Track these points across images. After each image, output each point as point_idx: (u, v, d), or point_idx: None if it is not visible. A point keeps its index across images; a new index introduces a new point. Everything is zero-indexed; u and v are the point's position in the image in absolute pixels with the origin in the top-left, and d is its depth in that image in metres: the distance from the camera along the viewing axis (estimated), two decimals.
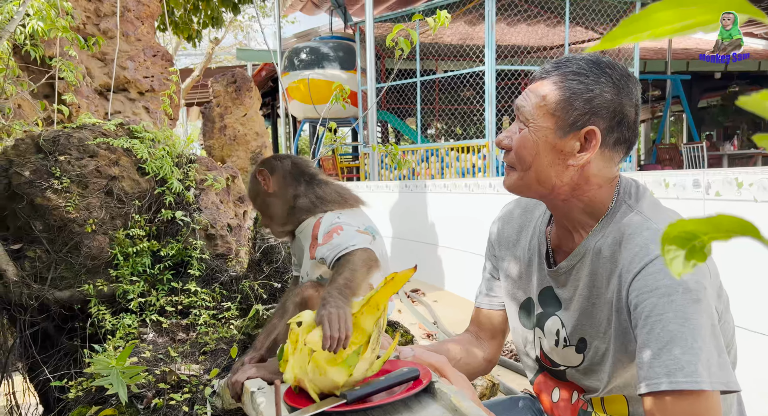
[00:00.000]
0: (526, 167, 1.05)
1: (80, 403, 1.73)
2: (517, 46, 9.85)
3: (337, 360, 0.95)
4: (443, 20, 2.22)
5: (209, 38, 11.77)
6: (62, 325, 2.18)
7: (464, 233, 5.40)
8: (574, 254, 1.08)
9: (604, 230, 1.05)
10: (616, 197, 1.08)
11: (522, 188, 1.08)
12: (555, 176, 1.04)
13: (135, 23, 4.72)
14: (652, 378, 0.87)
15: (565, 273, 1.10)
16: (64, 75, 3.42)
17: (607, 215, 1.06)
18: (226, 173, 2.79)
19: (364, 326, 1.00)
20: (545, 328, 1.15)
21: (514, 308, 1.24)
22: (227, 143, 5.77)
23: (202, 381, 1.77)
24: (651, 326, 0.89)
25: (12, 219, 2.18)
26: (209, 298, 2.24)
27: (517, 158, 1.06)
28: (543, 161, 1.03)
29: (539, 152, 1.02)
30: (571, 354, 1.09)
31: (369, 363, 0.97)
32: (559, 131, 1.01)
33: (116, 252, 2.21)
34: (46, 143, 2.16)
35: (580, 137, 1.01)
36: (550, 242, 1.17)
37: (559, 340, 1.11)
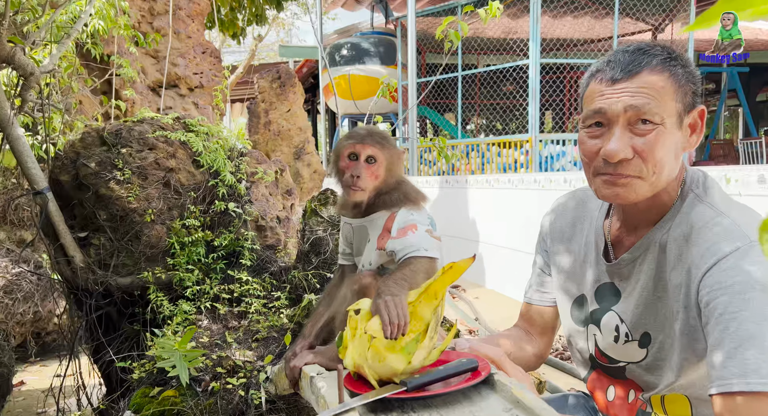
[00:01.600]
0: (660, 168, 0.96)
1: (143, 384, 1.81)
2: (561, 39, 9.61)
3: (396, 347, 0.97)
4: (495, 11, 2.20)
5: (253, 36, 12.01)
6: (124, 310, 2.29)
7: (507, 230, 5.33)
8: (636, 247, 1.04)
9: (670, 222, 1.01)
10: (683, 186, 1.03)
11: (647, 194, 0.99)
12: (676, 168, 0.98)
13: (186, 21, 4.87)
14: (724, 379, 0.83)
15: (627, 266, 1.06)
16: (121, 72, 3.58)
17: (674, 206, 1.02)
18: (275, 166, 2.86)
19: (422, 314, 1.01)
20: (601, 324, 1.11)
21: (566, 304, 1.21)
22: (271, 138, 5.89)
23: (256, 367, 1.83)
24: (725, 324, 0.85)
25: (79, 209, 2.30)
26: (260, 287, 2.30)
27: (651, 164, 0.95)
28: (672, 156, 0.96)
29: (671, 148, 0.96)
30: (633, 349, 1.06)
31: (427, 351, 0.98)
32: (678, 119, 0.96)
33: (173, 241, 2.30)
34: (109, 136, 2.27)
35: (693, 119, 0.97)
36: (609, 236, 1.13)
37: (619, 336, 1.08)
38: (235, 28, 7.51)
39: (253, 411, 1.65)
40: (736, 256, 0.88)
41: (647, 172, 0.96)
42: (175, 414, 1.67)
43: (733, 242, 0.90)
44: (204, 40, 5.21)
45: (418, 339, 0.97)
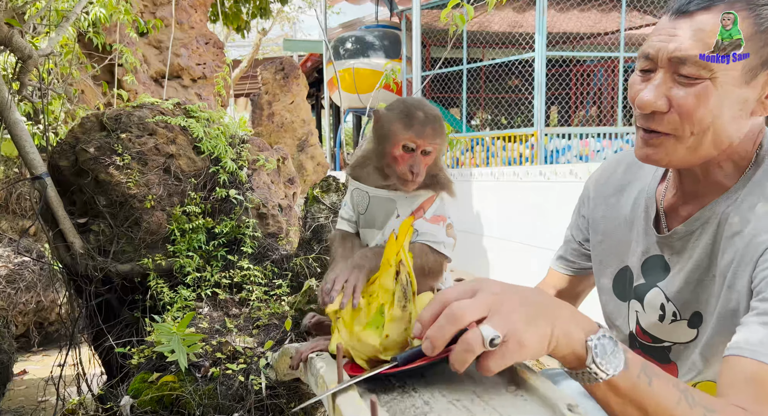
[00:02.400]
0: (701, 129, 0.83)
1: (142, 370, 1.79)
2: (568, 32, 9.53)
3: (362, 323, 0.93)
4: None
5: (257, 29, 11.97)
6: (124, 297, 2.27)
7: (511, 223, 5.29)
8: (694, 219, 0.92)
9: (738, 191, 0.88)
10: (759, 150, 0.89)
11: (687, 158, 0.87)
12: (735, 133, 0.84)
13: (189, 11, 4.84)
14: None
15: (681, 240, 0.93)
16: (123, 61, 3.55)
17: (745, 175, 0.88)
18: (277, 154, 2.83)
19: (385, 285, 0.96)
20: (645, 301, 1.01)
21: (605, 276, 1.09)
22: (275, 129, 5.86)
23: (256, 353, 1.80)
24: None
25: (78, 194, 2.27)
26: (261, 275, 2.28)
27: (689, 121, 0.83)
28: (725, 117, 0.82)
29: (722, 107, 0.81)
30: (682, 329, 0.96)
31: (405, 322, 0.94)
32: (747, 74, 0.80)
33: (173, 228, 2.27)
34: (109, 121, 2.24)
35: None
36: (663, 205, 1.00)
37: (665, 315, 0.97)
38: (240, 21, 7.49)
39: (253, 397, 1.63)
40: None
41: (683, 131, 0.84)
42: (173, 399, 1.65)
43: None
44: (207, 31, 5.18)
45: (381, 310, 0.92)
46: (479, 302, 0.66)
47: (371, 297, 0.91)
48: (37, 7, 2.24)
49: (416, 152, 1.00)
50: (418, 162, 1.00)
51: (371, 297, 0.91)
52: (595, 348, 0.69)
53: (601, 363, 0.69)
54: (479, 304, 0.66)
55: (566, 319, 0.70)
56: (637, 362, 0.72)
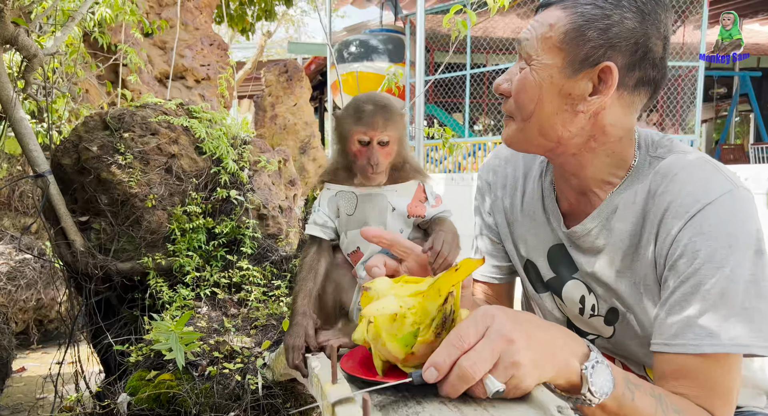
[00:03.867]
0: (526, 115, 0.88)
1: (140, 367, 1.80)
2: None
3: (396, 335, 0.93)
4: (503, 1, 2.17)
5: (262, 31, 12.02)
6: (123, 295, 2.28)
7: None
8: (594, 216, 0.92)
9: (632, 187, 0.90)
10: (639, 152, 0.92)
11: (522, 141, 0.91)
12: (561, 126, 0.86)
13: (194, 13, 4.87)
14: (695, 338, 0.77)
15: (584, 237, 0.94)
16: (127, 61, 3.57)
17: (631, 174, 0.91)
18: (278, 155, 2.84)
19: (427, 308, 0.96)
20: (563, 294, 1.00)
21: (522, 275, 1.09)
22: (277, 131, 5.88)
23: (253, 353, 1.81)
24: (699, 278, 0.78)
25: (80, 193, 2.29)
26: (260, 276, 2.29)
27: (516, 105, 0.89)
28: (547, 107, 0.86)
29: (542, 97, 0.85)
30: (600, 324, 0.97)
31: (432, 347, 0.93)
32: (567, 68, 0.83)
33: (174, 228, 2.29)
34: (112, 121, 2.26)
35: (593, 76, 0.83)
36: (555, 197, 1.01)
37: (585, 308, 0.97)
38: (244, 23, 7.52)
39: (249, 397, 1.64)
40: (724, 200, 0.79)
41: (516, 114, 0.89)
42: (170, 397, 1.65)
43: (722, 185, 0.81)
44: (212, 32, 5.21)
45: (416, 333, 0.92)
46: (489, 351, 0.67)
47: (409, 310, 0.89)
48: (44, 6, 2.27)
49: (372, 145, 1.02)
50: (375, 154, 1.01)
51: (409, 310, 0.89)
52: (591, 376, 0.70)
53: (595, 391, 0.71)
54: (489, 354, 0.67)
55: (562, 348, 0.71)
56: (620, 379, 0.74)
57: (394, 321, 0.89)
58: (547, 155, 0.95)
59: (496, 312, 0.70)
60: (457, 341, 0.69)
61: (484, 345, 0.67)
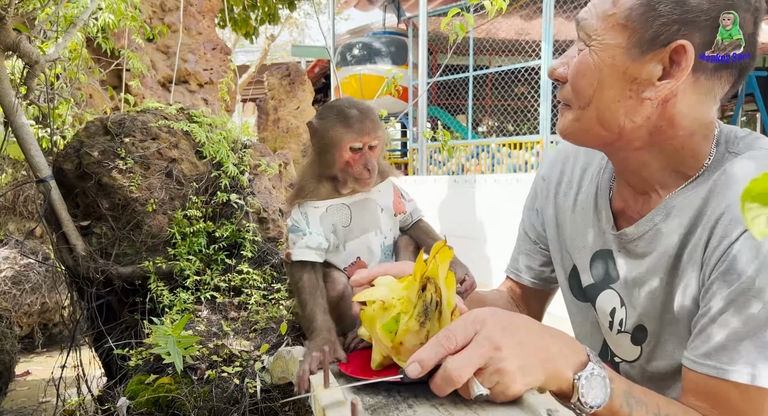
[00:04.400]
0: (584, 102, 0.78)
1: (139, 371, 1.81)
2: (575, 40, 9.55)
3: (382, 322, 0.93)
4: (501, 3, 2.17)
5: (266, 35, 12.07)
6: (124, 299, 2.29)
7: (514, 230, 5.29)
8: (649, 218, 0.81)
9: (696, 187, 0.78)
10: (716, 149, 0.79)
11: (578, 132, 0.81)
12: (624, 115, 0.76)
13: (197, 17, 4.90)
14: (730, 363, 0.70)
15: (635, 240, 0.84)
16: (130, 66, 3.60)
17: (704, 174, 0.79)
18: (278, 159, 2.85)
19: (408, 296, 0.96)
20: (597, 304, 0.92)
21: (563, 275, 1.01)
22: (280, 135, 5.91)
23: (252, 357, 1.82)
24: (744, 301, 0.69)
25: (82, 197, 2.31)
26: (260, 279, 2.29)
27: (573, 91, 0.79)
28: (607, 93, 0.76)
29: (602, 81, 0.76)
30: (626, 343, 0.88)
31: (421, 337, 0.93)
32: (633, 49, 0.73)
33: (174, 232, 2.30)
34: (113, 125, 2.28)
35: (664, 57, 0.72)
36: (612, 199, 0.92)
37: (614, 323, 0.89)
38: (248, 27, 7.57)
39: (248, 400, 1.64)
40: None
41: (573, 101, 0.80)
42: (169, 401, 1.66)
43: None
44: (215, 37, 5.24)
45: (397, 318, 0.89)
46: (476, 355, 0.66)
47: (399, 300, 0.88)
48: (47, 12, 2.29)
49: (364, 150, 1.00)
50: (370, 158, 1.00)
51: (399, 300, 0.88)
52: (582, 387, 0.69)
53: (586, 402, 0.69)
54: (476, 359, 0.66)
55: (556, 356, 0.69)
56: (620, 392, 0.71)
57: (384, 309, 0.89)
58: (605, 150, 0.85)
59: (487, 317, 0.69)
60: (444, 340, 0.68)
61: (471, 350, 0.66)
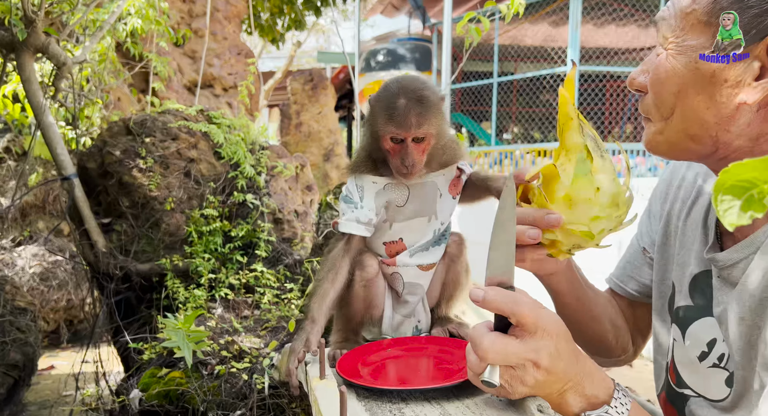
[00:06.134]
0: (666, 112, 0.69)
1: (153, 365, 1.85)
2: (604, 47, 9.41)
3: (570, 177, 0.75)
4: (517, 7, 2.16)
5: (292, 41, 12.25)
6: (142, 295, 2.35)
7: None
8: (745, 244, 0.70)
9: None
10: None
11: (664, 146, 0.71)
12: (717, 125, 0.66)
13: (223, 23, 5.01)
14: None
15: (728, 268, 0.73)
16: (157, 70, 3.70)
17: None
18: (296, 161, 2.89)
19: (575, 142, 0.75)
20: (689, 329, 0.79)
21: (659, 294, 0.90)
22: (302, 139, 5.97)
23: (261, 354, 1.84)
24: None
25: (103, 195, 2.38)
26: (274, 278, 2.32)
27: (654, 102, 0.70)
28: (693, 101, 0.66)
29: (686, 87, 0.67)
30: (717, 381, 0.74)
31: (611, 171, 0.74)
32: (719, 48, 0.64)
33: (191, 230, 2.35)
34: (135, 126, 2.34)
35: (760, 53, 0.63)
36: None
37: (710, 355, 0.76)
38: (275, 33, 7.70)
39: (256, 396, 1.66)
40: None
41: (654, 112, 0.71)
42: (179, 394, 1.69)
43: None
44: (239, 42, 5.35)
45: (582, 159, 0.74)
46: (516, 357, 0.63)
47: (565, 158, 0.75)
48: (76, 16, 2.38)
49: (407, 143, 0.93)
50: (410, 153, 0.93)
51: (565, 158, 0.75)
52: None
53: None
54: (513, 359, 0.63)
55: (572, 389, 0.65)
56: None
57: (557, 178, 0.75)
58: (704, 163, 0.74)
59: (556, 333, 0.64)
60: (514, 305, 0.63)
61: (518, 349, 0.63)
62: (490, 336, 0.64)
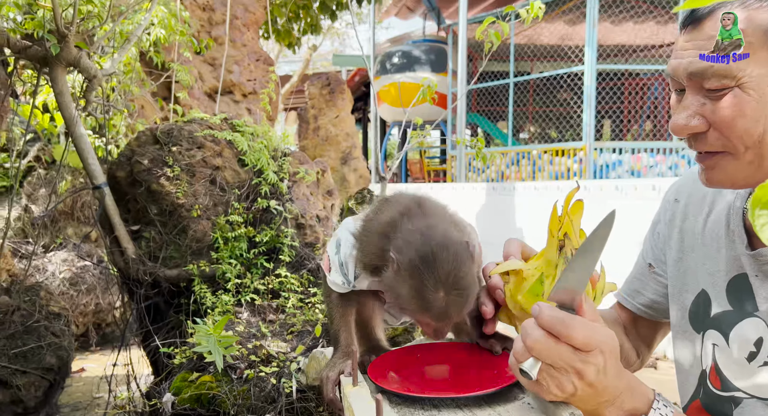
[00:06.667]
0: (755, 141, 0.71)
1: (183, 369, 1.90)
2: (622, 45, 9.31)
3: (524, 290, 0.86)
4: (537, 11, 2.17)
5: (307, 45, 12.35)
6: (170, 300, 2.41)
7: None
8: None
9: None
10: None
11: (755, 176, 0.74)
12: None
13: (242, 30, 5.09)
14: None
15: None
16: (179, 78, 3.78)
17: None
18: (316, 167, 2.93)
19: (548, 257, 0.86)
20: (732, 333, 0.82)
21: (680, 304, 0.94)
22: (320, 143, 6.03)
23: (288, 358, 1.87)
24: None
25: (133, 203, 2.44)
26: (297, 283, 2.36)
27: (732, 136, 0.72)
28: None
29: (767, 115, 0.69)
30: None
31: None
32: None
33: (217, 236, 2.40)
34: (162, 135, 2.41)
35: None
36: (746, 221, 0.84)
37: (759, 354, 0.79)
38: (291, 37, 7.78)
39: (284, 399, 1.70)
40: None
41: (735, 147, 0.72)
42: (210, 397, 1.74)
43: None
44: (258, 48, 5.42)
45: (541, 280, 0.84)
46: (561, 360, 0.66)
47: (536, 269, 0.86)
48: (105, 29, 2.45)
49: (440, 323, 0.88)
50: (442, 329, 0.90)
51: (536, 269, 0.86)
52: None
53: None
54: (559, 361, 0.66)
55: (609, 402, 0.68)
56: None
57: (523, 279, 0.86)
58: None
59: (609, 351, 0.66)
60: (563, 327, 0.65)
61: (567, 354, 0.65)
62: (544, 337, 0.65)
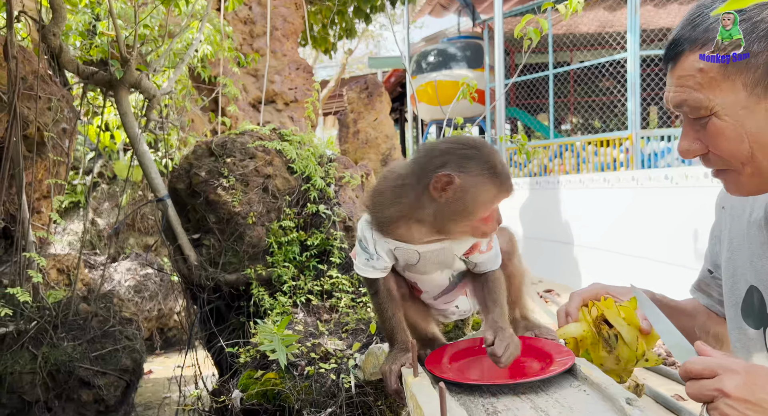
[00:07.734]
0: (747, 158, 0.78)
1: (248, 368, 2.02)
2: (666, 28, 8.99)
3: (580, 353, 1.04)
4: (575, 6, 2.18)
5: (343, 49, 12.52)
6: (231, 303, 2.55)
7: (601, 231, 5.10)
8: None
9: None
10: None
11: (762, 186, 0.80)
12: None
13: (281, 40, 5.26)
14: None
15: None
16: (226, 91, 3.96)
17: None
18: (360, 170, 3.02)
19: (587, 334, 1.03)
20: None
21: (734, 301, 0.97)
22: (360, 146, 6.14)
23: (345, 355, 1.96)
24: None
25: (192, 213, 2.60)
26: (348, 283, 2.45)
27: (728, 156, 0.79)
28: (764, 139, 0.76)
29: (751, 132, 0.76)
30: None
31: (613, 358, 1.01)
32: (757, 88, 0.74)
33: (271, 241, 2.52)
34: (217, 148, 2.55)
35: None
36: None
37: None
38: (327, 43, 7.94)
39: (344, 394, 1.78)
40: None
41: (734, 164, 0.80)
42: (275, 393, 1.85)
43: None
44: (297, 57, 5.59)
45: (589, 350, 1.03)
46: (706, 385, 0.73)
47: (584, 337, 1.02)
48: (159, 52, 2.62)
49: None
50: (499, 211, 0.98)
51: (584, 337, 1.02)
52: None
53: None
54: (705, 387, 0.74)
55: None
56: None
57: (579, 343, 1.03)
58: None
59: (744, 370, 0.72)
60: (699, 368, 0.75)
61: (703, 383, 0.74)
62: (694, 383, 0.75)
